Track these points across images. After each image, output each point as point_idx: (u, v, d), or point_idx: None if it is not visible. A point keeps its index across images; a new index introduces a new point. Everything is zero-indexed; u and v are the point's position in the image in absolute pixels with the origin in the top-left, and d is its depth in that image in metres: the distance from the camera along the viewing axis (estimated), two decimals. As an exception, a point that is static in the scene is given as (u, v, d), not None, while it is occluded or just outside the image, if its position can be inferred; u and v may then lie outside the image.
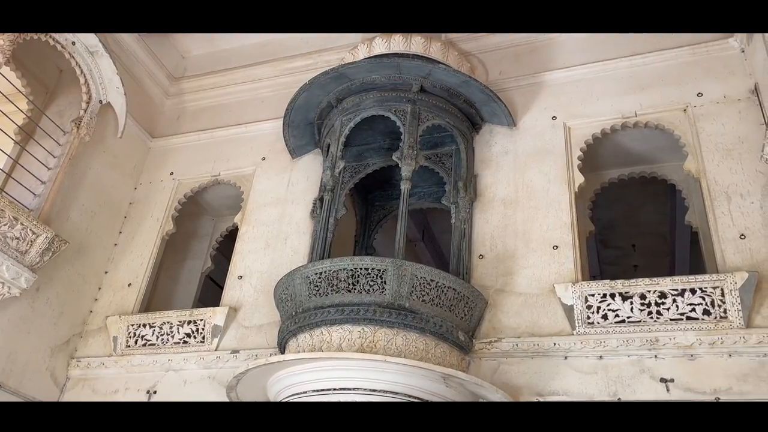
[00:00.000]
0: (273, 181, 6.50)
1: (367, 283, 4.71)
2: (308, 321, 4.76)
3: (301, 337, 4.84)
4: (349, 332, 4.63)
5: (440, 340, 4.73)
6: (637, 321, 4.65)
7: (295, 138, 6.37)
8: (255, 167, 6.66)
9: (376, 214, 6.76)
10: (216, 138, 7.02)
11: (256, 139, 6.84)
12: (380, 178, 6.59)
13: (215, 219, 7.36)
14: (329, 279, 4.79)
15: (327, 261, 4.88)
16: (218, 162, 6.83)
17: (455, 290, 4.85)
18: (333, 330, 4.67)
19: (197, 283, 6.97)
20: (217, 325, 5.70)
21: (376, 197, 6.82)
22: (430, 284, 4.76)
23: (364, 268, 4.74)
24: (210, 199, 7.15)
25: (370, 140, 6.27)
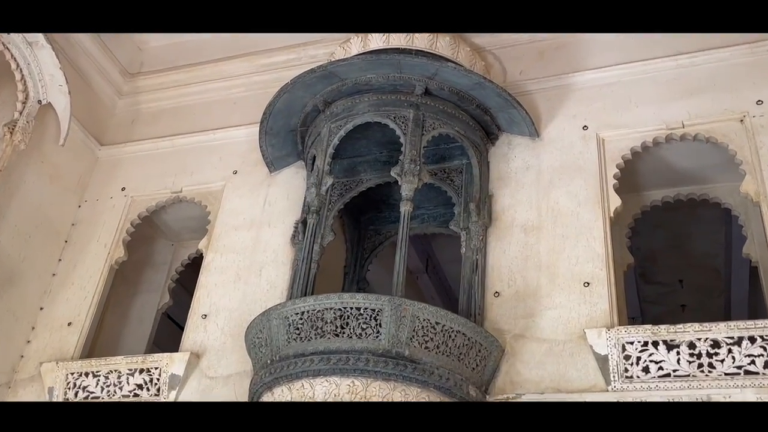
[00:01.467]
0: (246, 200, 6.52)
1: (358, 325, 4.70)
2: (287, 371, 4.75)
3: (278, 391, 4.82)
4: (336, 386, 4.61)
5: (447, 396, 4.71)
6: (685, 375, 4.65)
7: (274, 148, 6.40)
8: (224, 182, 6.68)
9: (370, 241, 6.77)
10: (178, 147, 7.05)
11: (227, 148, 6.87)
12: (376, 197, 6.62)
13: (175, 244, 7.37)
14: (313, 320, 4.78)
15: (310, 298, 4.87)
16: (180, 176, 6.84)
17: (465, 335, 4.84)
18: (317, 383, 4.66)
19: (152, 322, 6.95)
20: (175, 375, 5.67)
21: (371, 220, 6.84)
22: (435, 328, 4.76)
23: (356, 308, 4.74)
24: (169, 220, 7.16)
25: (364, 152, 6.31)
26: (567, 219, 5.51)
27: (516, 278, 5.39)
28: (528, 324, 5.16)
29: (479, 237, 5.56)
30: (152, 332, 6.91)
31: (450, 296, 8.74)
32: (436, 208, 6.57)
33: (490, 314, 5.30)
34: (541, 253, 5.43)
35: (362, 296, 4.80)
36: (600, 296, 5.10)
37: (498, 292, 5.38)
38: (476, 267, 5.47)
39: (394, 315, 4.69)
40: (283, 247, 6.12)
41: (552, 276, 5.30)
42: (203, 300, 6.08)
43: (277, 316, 4.93)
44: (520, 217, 5.65)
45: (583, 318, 5.06)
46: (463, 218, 5.69)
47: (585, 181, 5.65)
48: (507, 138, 6.08)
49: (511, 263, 5.48)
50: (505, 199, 5.78)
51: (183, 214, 7.04)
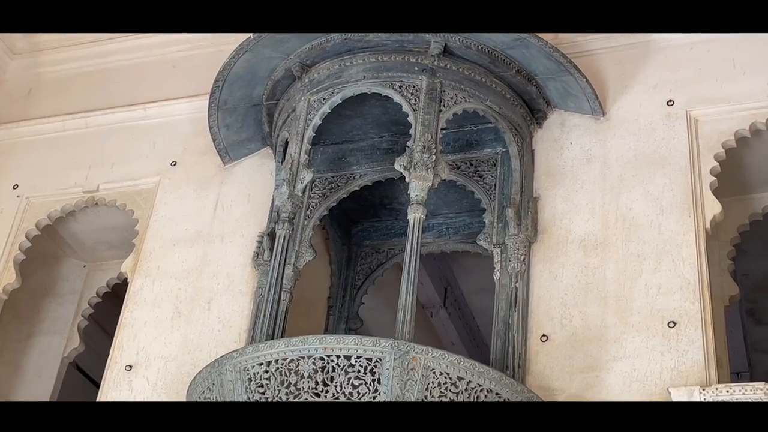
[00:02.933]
0: (190, 203, 6.50)
1: (348, 382, 4.67)
2: (246, 446, 4.74)
3: (233, 474, 4.81)
4: (315, 467, 4.61)
5: (473, 483, 4.70)
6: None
7: (230, 130, 6.40)
8: (159, 178, 6.66)
9: (365, 262, 6.76)
10: (93, 128, 7.04)
11: (163, 130, 6.87)
12: (373, 200, 6.61)
13: (89, 266, 7.35)
14: (284, 374, 4.75)
15: (280, 342, 4.84)
16: (96, 169, 6.82)
17: (499, 396, 4.81)
18: (288, 462, 4.65)
19: (55, 375, 6.93)
20: (87, 451, 5.67)
21: (366, 233, 6.83)
22: (457, 385, 4.72)
23: (344, 356, 4.70)
24: (81, 231, 7.15)
25: (358, 136, 6.30)
26: (644, 232, 5.49)
27: (572, 315, 5.36)
28: (589, 381, 5.12)
29: (520, 257, 5.54)
30: (55, 389, 6.87)
31: (478, 341, 8.69)
32: (459, 215, 6.56)
33: (536, 367, 5.26)
34: (607, 279, 5.41)
35: (354, 340, 4.76)
36: (691, 341, 5.07)
37: (546, 336, 5.35)
38: (515, 299, 5.43)
39: (398, 367, 4.65)
40: (241, 271, 6.08)
41: (623, 313, 5.27)
42: (128, 345, 6.03)
43: (232, 367, 4.89)
44: (578, 229, 5.63)
45: (667, 372, 5.02)
46: (497, 230, 5.67)
47: (670, 178, 5.63)
48: (560, 117, 6.07)
49: (564, 294, 5.45)
50: (557, 204, 5.76)
51: (100, 224, 7.02)
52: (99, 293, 7.26)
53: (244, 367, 4.87)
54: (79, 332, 7.06)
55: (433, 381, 4.70)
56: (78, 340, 7.03)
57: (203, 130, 6.54)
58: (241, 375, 4.87)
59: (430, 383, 4.70)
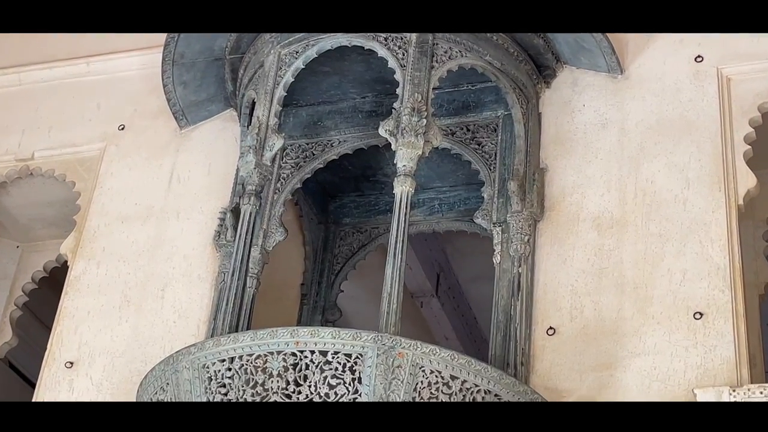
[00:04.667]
0: (140, 173, 6.50)
1: (324, 381, 4.68)
2: (205, 455, 4.75)
3: (191, 488, 4.82)
4: (286, 478, 4.63)
5: (468, 497, 4.73)
6: None
7: (187, 88, 6.38)
8: (104, 145, 6.66)
9: (344, 243, 6.77)
10: (27, 86, 7.03)
11: (108, 88, 6.86)
12: (354, 171, 6.62)
13: (22, 246, 7.34)
14: (250, 372, 4.76)
15: (245, 335, 4.84)
16: (31, 133, 6.82)
17: (499, 398, 4.82)
18: (254, 474, 4.67)
19: (-17, 373, 6.96)
20: (21, 461, 5.67)
21: (346, 209, 6.85)
22: (450, 385, 4.74)
23: (320, 352, 4.71)
24: (13, 206, 7.15)
25: (336, 96, 6.30)
26: (667, 209, 5.51)
27: (583, 305, 5.38)
28: (602, 380, 5.14)
29: (524, 237, 5.55)
30: (-16, 390, 6.91)
31: (475, 335, 8.72)
32: (454, 189, 6.58)
33: (541, 364, 5.28)
34: (624, 264, 5.42)
35: (330, 333, 4.76)
36: (720, 335, 5.09)
37: (554, 328, 5.37)
38: (518, 287, 5.44)
39: (382, 364, 4.66)
40: (200, 252, 6.09)
41: (642, 302, 5.29)
42: (68, 338, 6.03)
43: (190, 365, 4.89)
44: (592, 206, 5.65)
45: (692, 371, 5.04)
46: (497, 207, 5.68)
47: (698, 147, 5.65)
48: (571, 75, 6.07)
49: (575, 281, 5.46)
50: (568, 176, 5.78)
51: (35, 197, 7.02)
52: (34, 278, 7.24)
53: (203, 364, 4.86)
54: (12, 324, 7.03)
55: (422, 380, 4.71)
56: (10, 333, 7.00)
57: (156, 88, 6.52)
58: (199, 373, 4.86)
59: (418, 383, 4.70)
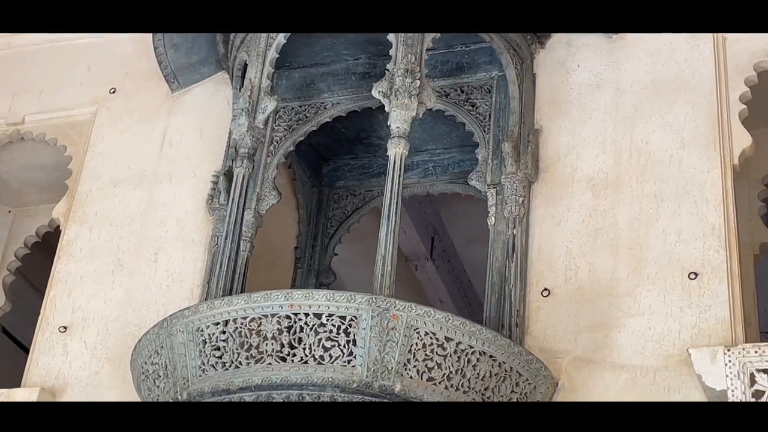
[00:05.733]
0: (132, 137, 6.50)
1: (319, 343, 4.70)
2: (200, 418, 4.77)
3: (186, 450, 4.85)
4: (281, 440, 4.66)
5: (463, 457, 4.77)
6: None
7: (179, 51, 6.36)
8: (95, 108, 6.66)
9: (338, 206, 6.78)
10: (16, 49, 7.00)
11: (99, 51, 6.84)
12: (348, 133, 6.62)
13: (14, 212, 7.35)
14: (244, 335, 4.78)
15: (239, 299, 4.87)
16: (21, 97, 6.81)
17: (494, 359, 4.87)
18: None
19: (-24, 339, 6.97)
20: (16, 425, 5.70)
21: (340, 172, 6.85)
22: (445, 347, 4.77)
23: (314, 314, 4.74)
24: (4, 171, 7.15)
25: (329, 57, 6.27)
26: (663, 170, 5.52)
27: (578, 266, 5.41)
28: (597, 341, 5.17)
29: (518, 199, 5.56)
30: (-23, 355, 6.94)
31: (470, 298, 8.76)
32: (448, 151, 6.57)
33: (536, 325, 5.31)
34: (619, 225, 5.44)
35: (324, 295, 4.78)
36: (715, 295, 5.12)
37: (548, 290, 5.40)
38: (513, 248, 5.46)
39: (377, 326, 4.69)
40: (193, 216, 6.11)
41: (637, 263, 5.31)
42: (61, 303, 6.06)
43: (184, 328, 4.91)
44: (586, 167, 5.66)
45: (686, 331, 5.07)
46: (491, 168, 5.69)
47: (693, 107, 5.65)
48: (565, 35, 6.05)
49: (569, 242, 5.48)
50: (562, 137, 5.78)
51: (26, 162, 7.02)
52: (27, 243, 7.24)
53: (197, 327, 4.89)
54: (5, 289, 7.04)
55: (416, 342, 4.74)
56: (3, 298, 7.01)
57: (147, 51, 6.49)
58: (194, 336, 4.89)
59: (413, 345, 4.73)
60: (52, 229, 6.97)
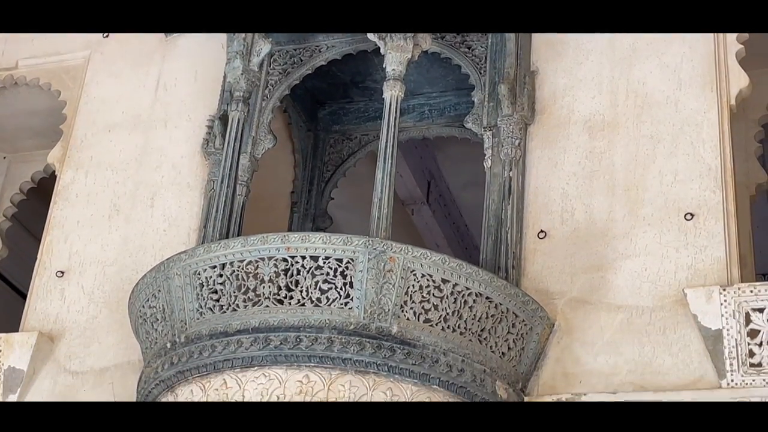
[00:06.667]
0: (126, 81, 6.50)
1: (315, 286, 4.74)
2: (199, 360, 4.80)
3: (184, 392, 4.88)
4: (279, 382, 4.68)
5: (459, 396, 4.79)
6: None
7: (172, -6, 6.35)
8: (89, 52, 6.64)
9: (334, 150, 6.78)
10: (10, -7, 6.96)
11: (92, -5, 6.81)
12: (343, 77, 6.58)
13: (9, 157, 7.35)
14: (241, 278, 4.81)
15: (236, 242, 4.89)
16: (14, 41, 6.78)
17: (490, 301, 4.90)
18: (248, 378, 4.72)
19: (-27, 285, 7.00)
20: (15, 369, 5.74)
21: (336, 116, 6.83)
22: (442, 289, 4.81)
23: (311, 257, 4.76)
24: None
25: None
26: (659, 110, 5.52)
27: (574, 208, 5.43)
28: (593, 282, 5.21)
29: (515, 141, 5.57)
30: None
31: (467, 242, 8.79)
32: (444, 94, 6.55)
33: (532, 267, 5.34)
34: (615, 166, 5.45)
35: (321, 238, 4.80)
36: (711, 236, 5.14)
37: (544, 232, 5.42)
38: (509, 191, 5.48)
39: (374, 268, 4.72)
40: (189, 161, 6.12)
41: (633, 204, 5.33)
42: (58, 248, 6.09)
43: (181, 271, 4.94)
44: (583, 108, 5.66)
45: (682, 271, 5.11)
46: (487, 111, 5.67)
47: (690, 47, 5.63)
48: (561, -24, 6.05)
49: (566, 184, 5.50)
50: (558, 79, 5.77)
51: (20, 107, 7.00)
52: (23, 189, 7.25)
53: (194, 270, 4.93)
54: (1, 235, 7.06)
55: (413, 284, 4.78)
56: (0, 244, 7.03)
57: (139, -5, 6.47)
58: (191, 280, 4.92)
59: (410, 287, 4.77)
60: (47, 175, 6.99)
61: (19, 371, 5.72)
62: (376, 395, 4.66)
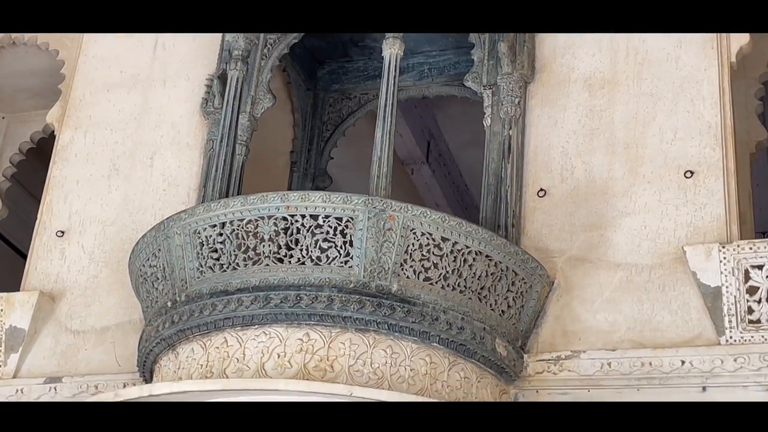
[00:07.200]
0: (124, 41, 6.47)
1: (315, 244, 4.75)
2: (199, 319, 4.82)
3: (185, 350, 4.91)
4: (280, 341, 4.71)
5: (459, 354, 4.83)
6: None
7: (170, -48, 6.32)
8: (87, 12, 6.62)
9: (333, 110, 6.76)
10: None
11: (90, -47, 6.77)
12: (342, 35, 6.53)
13: (8, 117, 7.34)
14: (241, 237, 4.83)
15: (236, 201, 4.90)
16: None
17: (490, 259, 4.92)
18: (248, 336, 4.75)
19: (-27, 245, 7.01)
20: (16, 329, 5.77)
21: (335, 75, 6.81)
22: (441, 247, 4.82)
23: (311, 216, 4.77)
24: (-4, 76, 7.13)
25: (322, -43, 6.24)
26: (659, 68, 5.51)
27: (574, 166, 5.43)
28: (593, 240, 5.23)
29: (514, 100, 5.56)
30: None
31: (467, 202, 8.79)
32: (444, 53, 6.52)
33: (532, 225, 5.36)
34: (615, 124, 5.45)
35: (321, 197, 4.81)
36: (710, 193, 5.16)
37: (544, 190, 5.43)
38: (509, 149, 5.48)
39: (373, 227, 4.72)
40: (188, 120, 6.11)
41: (633, 162, 5.34)
42: (58, 208, 6.10)
43: (181, 230, 4.95)
44: (583, 66, 5.65)
45: (682, 229, 5.12)
46: (487, 69, 5.67)
47: (690, 3, 5.63)
48: (561, -67, 6.02)
49: (566, 142, 5.50)
50: (559, 36, 5.75)
51: (19, 67, 6.98)
52: (22, 149, 7.25)
53: (194, 229, 4.94)
54: (1, 195, 7.07)
55: (413, 243, 4.79)
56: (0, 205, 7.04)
57: (138, -48, 6.44)
58: (191, 239, 4.94)
59: (410, 245, 4.79)
60: (46, 135, 6.98)
61: (21, 330, 5.76)
62: (376, 353, 4.69)
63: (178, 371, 4.92)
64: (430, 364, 4.77)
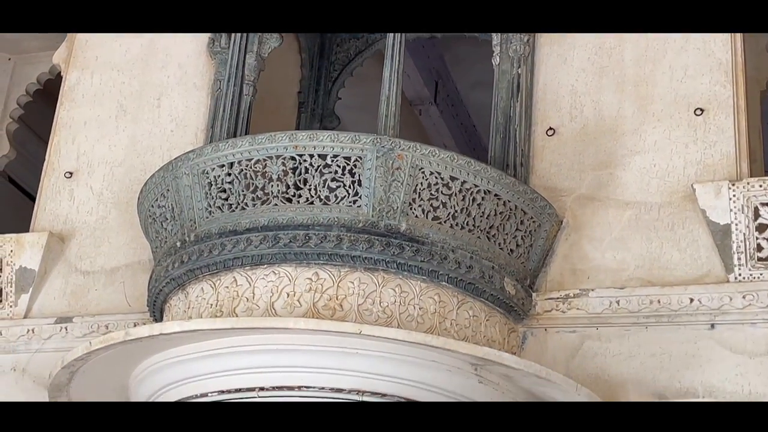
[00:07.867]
0: (130, -19, 6.44)
1: (324, 184, 4.76)
2: (209, 259, 4.85)
3: (195, 290, 4.94)
4: (289, 280, 4.74)
5: (468, 294, 4.85)
6: None
7: None
8: (92, -50, 6.58)
9: (340, 50, 6.74)
10: None
11: None
12: (349, -27, 6.55)
13: (14, 58, 7.33)
14: (249, 177, 4.84)
15: (244, 141, 4.90)
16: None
17: (499, 198, 4.92)
18: (257, 276, 4.77)
19: (-19, 187, 7.04)
20: (26, 269, 5.82)
21: (342, 14, 6.80)
22: (450, 186, 4.83)
23: (319, 155, 4.78)
24: (2, 18, 7.08)
25: None
26: (668, 4, 5.49)
27: (583, 105, 5.42)
28: (602, 179, 5.24)
29: (523, 38, 5.54)
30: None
31: (475, 142, 8.80)
32: (452, -8, 6.52)
33: (541, 164, 5.36)
34: (625, 62, 5.44)
35: (329, 136, 4.82)
36: (720, 131, 5.15)
37: (553, 129, 5.42)
38: (518, 88, 5.46)
39: (382, 166, 4.73)
40: (195, 60, 6.10)
41: (643, 100, 5.33)
42: (66, 149, 6.12)
43: (189, 170, 4.96)
44: (592, 3, 5.63)
45: (691, 167, 5.13)
46: (496, 7, 5.66)
47: (701, -61, 5.59)
48: None
49: (575, 81, 5.49)
50: (568, -26, 5.74)
51: (25, 9, 6.96)
52: (29, 91, 7.24)
53: (202, 169, 4.95)
54: (8, 137, 7.08)
55: (422, 182, 4.80)
56: (7, 146, 7.06)
57: None
58: (199, 179, 4.95)
59: (418, 184, 4.80)
60: (53, 76, 6.97)
61: (31, 271, 5.81)
62: (385, 292, 4.72)
63: (188, 311, 4.95)
64: (439, 302, 4.80)
